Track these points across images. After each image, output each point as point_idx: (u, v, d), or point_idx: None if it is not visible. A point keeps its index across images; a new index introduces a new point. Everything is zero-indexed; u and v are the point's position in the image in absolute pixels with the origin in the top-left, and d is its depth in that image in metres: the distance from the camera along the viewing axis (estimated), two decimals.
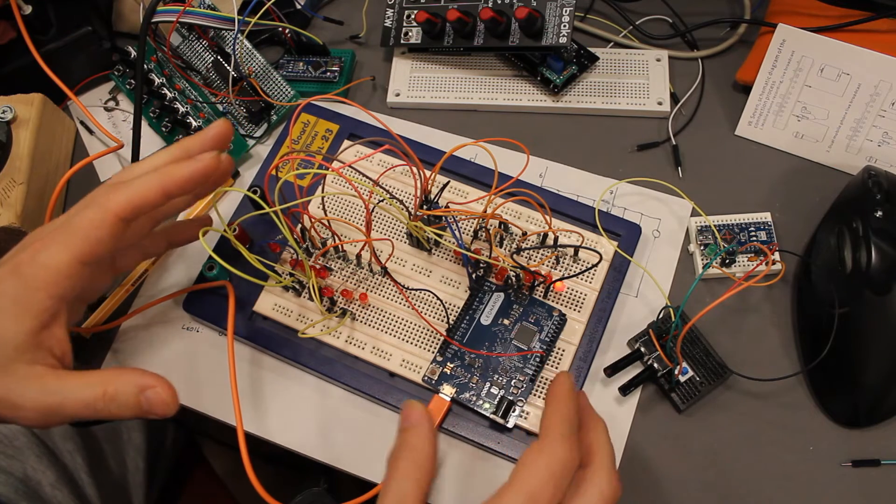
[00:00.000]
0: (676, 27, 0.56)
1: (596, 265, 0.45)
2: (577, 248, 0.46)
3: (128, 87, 0.55)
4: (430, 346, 0.44)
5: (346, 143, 0.51)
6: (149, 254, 0.42)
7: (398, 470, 0.33)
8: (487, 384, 0.43)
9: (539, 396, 0.43)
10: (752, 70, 0.50)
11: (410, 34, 0.54)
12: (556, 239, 0.46)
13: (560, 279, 0.44)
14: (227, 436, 0.52)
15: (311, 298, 0.45)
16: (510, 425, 0.42)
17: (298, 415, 0.45)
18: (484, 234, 0.46)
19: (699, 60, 0.54)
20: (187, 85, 0.54)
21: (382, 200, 0.44)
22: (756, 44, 0.53)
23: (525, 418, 0.42)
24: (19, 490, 0.47)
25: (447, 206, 0.45)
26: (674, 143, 0.51)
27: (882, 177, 0.45)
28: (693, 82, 0.54)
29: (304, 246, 0.45)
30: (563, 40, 0.49)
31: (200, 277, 0.47)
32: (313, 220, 0.43)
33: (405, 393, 0.44)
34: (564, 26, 0.49)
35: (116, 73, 0.55)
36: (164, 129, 0.53)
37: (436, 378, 0.43)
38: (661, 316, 0.44)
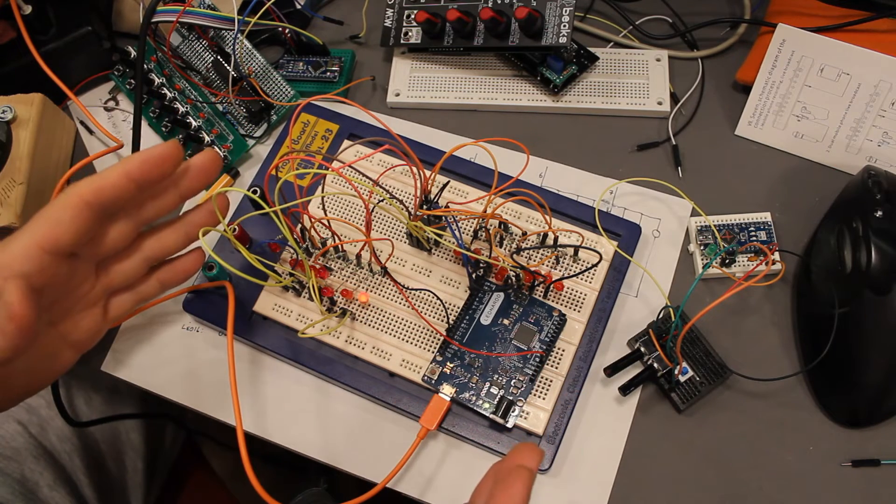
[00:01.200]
0: (676, 27, 0.56)
1: (596, 265, 0.45)
2: (577, 248, 0.46)
3: (128, 87, 0.55)
4: (430, 346, 0.44)
5: (346, 143, 0.51)
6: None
7: None
8: (487, 384, 0.43)
9: (539, 396, 0.43)
10: (752, 70, 0.50)
11: (410, 34, 0.54)
12: (556, 239, 0.46)
13: (560, 279, 0.44)
14: (226, 436, 0.53)
15: (310, 298, 0.45)
16: (510, 425, 0.42)
17: (298, 415, 0.45)
18: (484, 234, 0.46)
19: (699, 60, 0.54)
20: (187, 85, 0.54)
21: (382, 200, 0.44)
22: (756, 44, 0.53)
23: (525, 418, 0.42)
24: (17, 491, 0.47)
25: (447, 206, 0.45)
26: (674, 143, 0.51)
27: (882, 177, 0.45)
28: (693, 82, 0.54)
29: (304, 246, 0.45)
30: (563, 40, 0.49)
31: (200, 277, 0.47)
32: (313, 220, 0.43)
33: (405, 393, 0.44)
34: (564, 26, 0.49)
35: (116, 73, 0.55)
36: (164, 129, 0.53)
37: (435, 378, 0.43)
38: (661, 316, 0.44)
